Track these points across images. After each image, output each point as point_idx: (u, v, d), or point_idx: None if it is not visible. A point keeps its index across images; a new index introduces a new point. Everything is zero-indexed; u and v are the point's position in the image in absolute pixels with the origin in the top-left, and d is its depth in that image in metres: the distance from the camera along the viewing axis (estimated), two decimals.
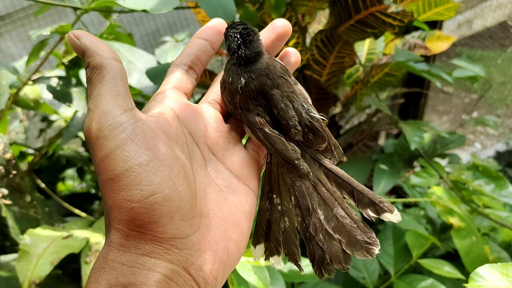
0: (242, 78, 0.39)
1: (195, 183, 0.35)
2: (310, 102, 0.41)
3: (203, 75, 0.88)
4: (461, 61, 1.25)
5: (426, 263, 0.82)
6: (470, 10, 2.57)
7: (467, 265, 0.83)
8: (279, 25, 0.42)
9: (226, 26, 0.41)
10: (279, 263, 0.39)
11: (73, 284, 0.72)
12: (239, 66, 0.39)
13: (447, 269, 0.80)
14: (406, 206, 1.30)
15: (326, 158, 0.40)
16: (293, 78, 0.41)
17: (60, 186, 1.31)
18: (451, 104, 2.37)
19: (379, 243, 0.36)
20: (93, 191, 1.28)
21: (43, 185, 0.90)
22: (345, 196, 0.38)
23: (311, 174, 0.38)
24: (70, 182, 1.37)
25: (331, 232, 0.37)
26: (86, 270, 0.65)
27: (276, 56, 0.43)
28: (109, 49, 0.35)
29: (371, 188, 0.98)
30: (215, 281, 0.34)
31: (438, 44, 1.19)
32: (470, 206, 0.89)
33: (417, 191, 1.18)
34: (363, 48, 1.14)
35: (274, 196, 0.39)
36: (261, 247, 0.40)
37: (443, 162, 1.42)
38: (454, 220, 0.83)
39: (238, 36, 0.39)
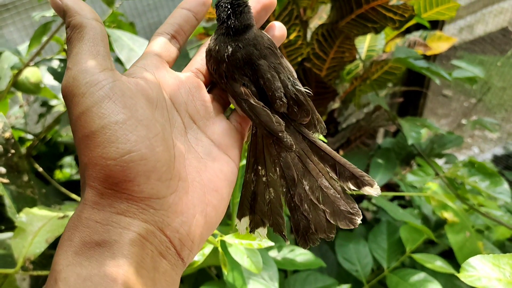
0: (229, 47, 0.39)
1: (174, 148, 0.35)
2: (296, 76, 0.41)
3: None
4: (462, 62, 1.26)
5: (419, 257, 0.83)
6: (471, 15, 2.58)
7: (461, 260, 0.84)
8: None
9: None
10: (264, 235, 0.39)
11: None
12: (227, 36, 0.39)
13: (439, 264, 0.81)
14: (403, 206, 1.30)
15: (310, 131, 0.40)
16: (279, 51, 0.41)
17: (58, 173, 1.31)
18: (450, 108, 2.38)
19: (361, 213, 0.37)
20: None
21: (40, 169, 0.91)
22: (328, 169, 0.39)
23: (294, 147, 0.38)
24: (68, 170, 1.37)
25: (316, 202, 0.37)
26: None
27: (261, 28, 0.43)
28: (90, 9, 0.35)
29: None
30: (191, 244, 0.34)
31: (439, 44, 1.20)
32: (465, 203, 0.89)
33: (413, 190, 1.18)
34: (364, 45, 1.15)
35: (259, 167, 0.40)
36: (246, 220, 0.40)
37: (440, 162, 1.43)
38: (448, 215, 0.83)
39: (229, 6, 0.39)
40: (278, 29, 0.43)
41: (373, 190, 0.37)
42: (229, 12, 0.39)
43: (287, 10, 0.90)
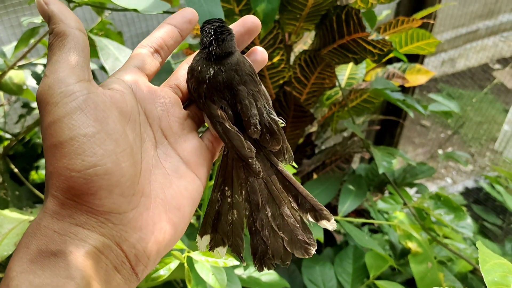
0: (211, 69, 0.39)
1: (142, 162, 0.35)
2: (271, 105, 0.42)
3: None
4: (438, 96, 1.30)
5: (382, 284, 0.85)
6: (454, 49, 2.65)
7: None
8: (250, 21, 0.42)
9: (197, 16, 0.42)
10: (224, 254, 0.41)
11: None
12: (208, 60, 0.40)
13: None
14: (373, 231, 1.33)
15: (278, 160, 0.41)
16: (258, 78, 0.42)
17: (33, 175, 1.31)
18: (427, 138, 2.43)
19: (316, 243, 0.39)
20: None
21: (16, 170, 0.91)
22: (290, 199, 0.40)
23: (261, 173, 0.39)
24: (44, 171, 1.37)
25: (276, 229, 0.39)
26: None
27: (243, 53, 0.43)
28: (75, 18, 0.35)
29: (336, 207, 1.01)
30: (147, 260, 0.34)
31: (418, 77, 1.23)
32: (429, 234, 0.92)
33: (383, 217, 1.21)
34: (345, 72, 1.18)
35: (226, 188, 0.41)
36: (207, 238, 0.41)
37: (411, 191, 1.46)
38: (412, 245, 0.86)
39: (212, 33, 0.39)
40: (260, 54, 0.44)
41: (329, 225, 0.39)
42: (211, 38, 0.39)
43: (272, 34, 0.92)
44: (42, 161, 1.34)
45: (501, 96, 2.55)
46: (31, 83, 0.97)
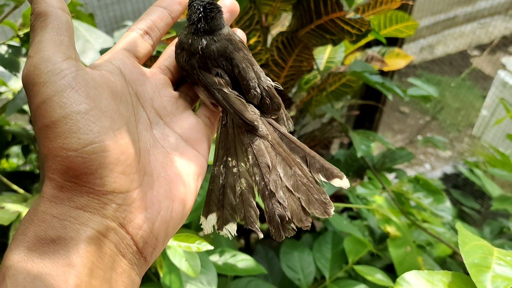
0: (203, 40, 0.39)
1: (139, 142, 0.34)
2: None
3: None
4: (417, 80, 1.29)
5: (360, 269, 0.84)
6: (433, 35, 2.65)
7: (400, 274, 0.85)
8: (228, 2, 0.42)
9: None
10: (234, 231, 0.38)
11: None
12: (197, 34, 0.39)
13: (379, 277, 0.82)
14: (352, 217, 1.32)
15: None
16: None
17: (3, 163, 1.27)
18: (406, 124, 2.44)
19: (332, 204, 0.37)
20: (37, 171, 1.24)
21: None
22: (298, 160, 0.38)
23: (269, 136, 0.38)
24: (15, 160, 1.33)
25: (291, 189, 0.37)
26: None
27: None
28: None
29: None
30: (155, 241, 0.33)
31: (396, 61, 1.22)
32: (408, 218, 0.91)
33: (362, 202, 1.20)
34: (323, 56, 1.16)
35: (229, 159, 0.39)
36: (213, 217, 0.38)
37: (391, 176, 1.45)
38: (391, 229, 0.85)
39: (201, 9, 0.38)
40: (239, 33, 0.43)
41: (343, 183, 0.37)
42: (200, 15, 0.39)
43: (248, 14, 0.90)
44: (13, 149, 1.30)
45: (479, 82, 2.57)
46: None
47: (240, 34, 0.43)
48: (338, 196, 1.23)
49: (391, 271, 0.92)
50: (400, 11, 1.05)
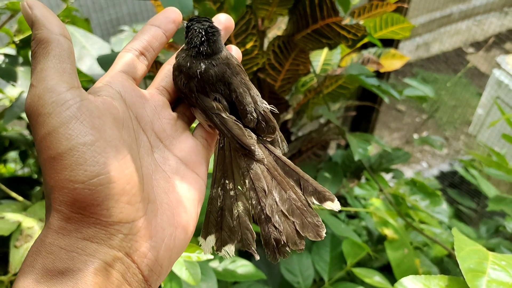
0: (202, 64, 0.39)
1: (142, 168, 0.34)
2: (260, 96, 0.42)
3: (154, 65, 0.87)
4: (413, 80, 1.30)
5: (359, 272, 0.85)
6: (428, 33, 2.66)
7: (398, 276, 0.86)
8: (223, 19, 0.43)
9: (180, 15, 0.41)
10: (232, 252, 0.39)
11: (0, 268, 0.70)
12: (197, 57, 0.39)
13: (377, 279, 0.83)
14: (350, 217, 1.33)
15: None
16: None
17: (1, 168, 1.27)
18: (403, 122, 2.45)
19: (325, 226, 0.38)
20: (35, 176, 1.24)
21: None
22: (292, 183, 0.39)
23: (265, 160, 0.39)
24: (12, 165, 1.33)
25: (286, 214, 0.38)
26: (14, 255, 0.63)
27: None
28: (59, 24, 0.33)
29: None
30: (160, 269, 0.33)
31: (392, 62, 1.23)
32: (405, 220, 0.92)
33: (360, 203, 1.21)
34: (320, 59, 1.16)
35: (227, 181, 0.40)
36: (212, 238, 0.39)
37: (388, 176, 1.46)
38: (388, 232, 0.85)
39: (203, 33, 0.39)
40: (234, 51, 0.44)
41: (334, 205, 0.38)
42: (203, 39, 0.39)
43: (244, 19, 0.90)
44: (11, 155, 1.30)
45: (475, 79, 2.58)
46: None
47: (235, 52, 0.44)
48: (336, 197, 1.23)
49: (389, 271, 0.92)
50: (395, 13, 1.06)
